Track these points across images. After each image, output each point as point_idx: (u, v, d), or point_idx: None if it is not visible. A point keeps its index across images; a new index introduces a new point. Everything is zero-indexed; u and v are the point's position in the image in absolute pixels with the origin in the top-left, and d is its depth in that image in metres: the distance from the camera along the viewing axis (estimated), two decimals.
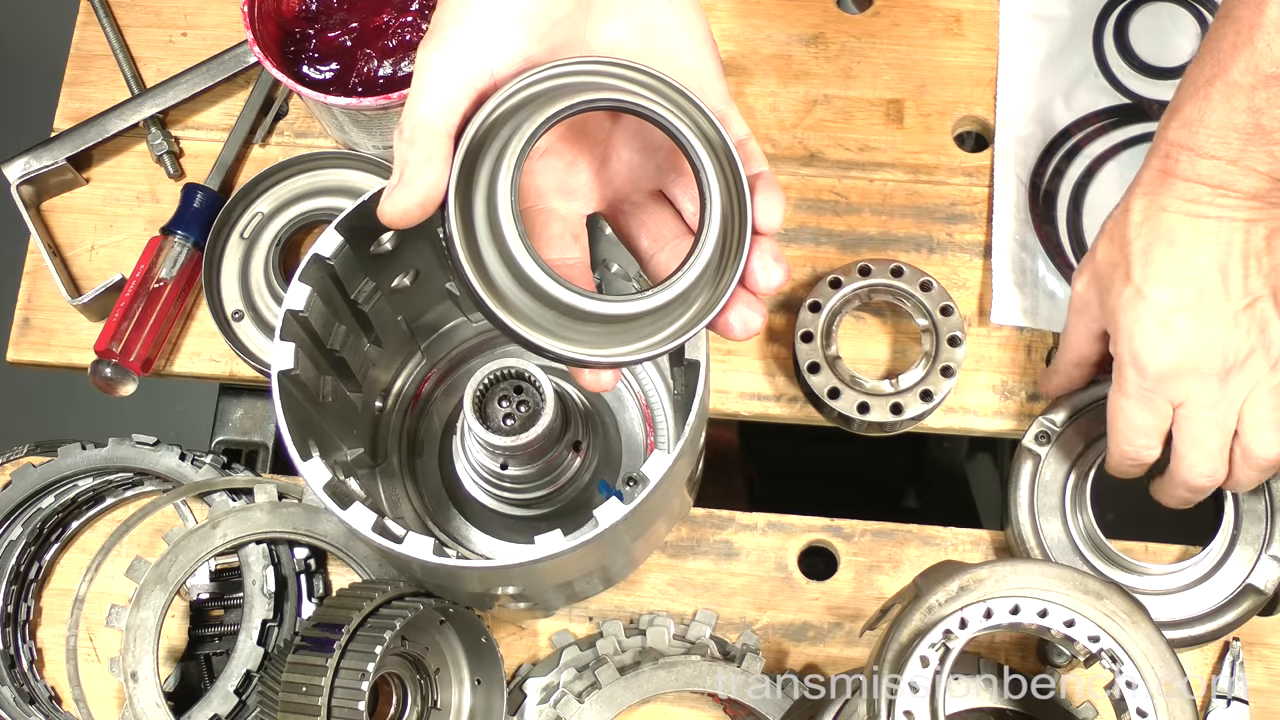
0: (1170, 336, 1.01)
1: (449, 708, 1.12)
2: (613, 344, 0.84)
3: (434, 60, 0.82)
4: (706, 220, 0.83)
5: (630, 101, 0.82)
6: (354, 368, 1.12)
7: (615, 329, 0.84)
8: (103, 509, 1.21)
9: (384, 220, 0.82)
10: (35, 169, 1.27)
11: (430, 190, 0.80)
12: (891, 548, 1.18)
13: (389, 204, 0.81)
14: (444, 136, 0.81)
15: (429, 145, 0.80)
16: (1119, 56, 1.31)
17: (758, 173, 0.86)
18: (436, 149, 0.80)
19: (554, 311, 0.82)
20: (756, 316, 0.87)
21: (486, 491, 1.13)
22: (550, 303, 0.82)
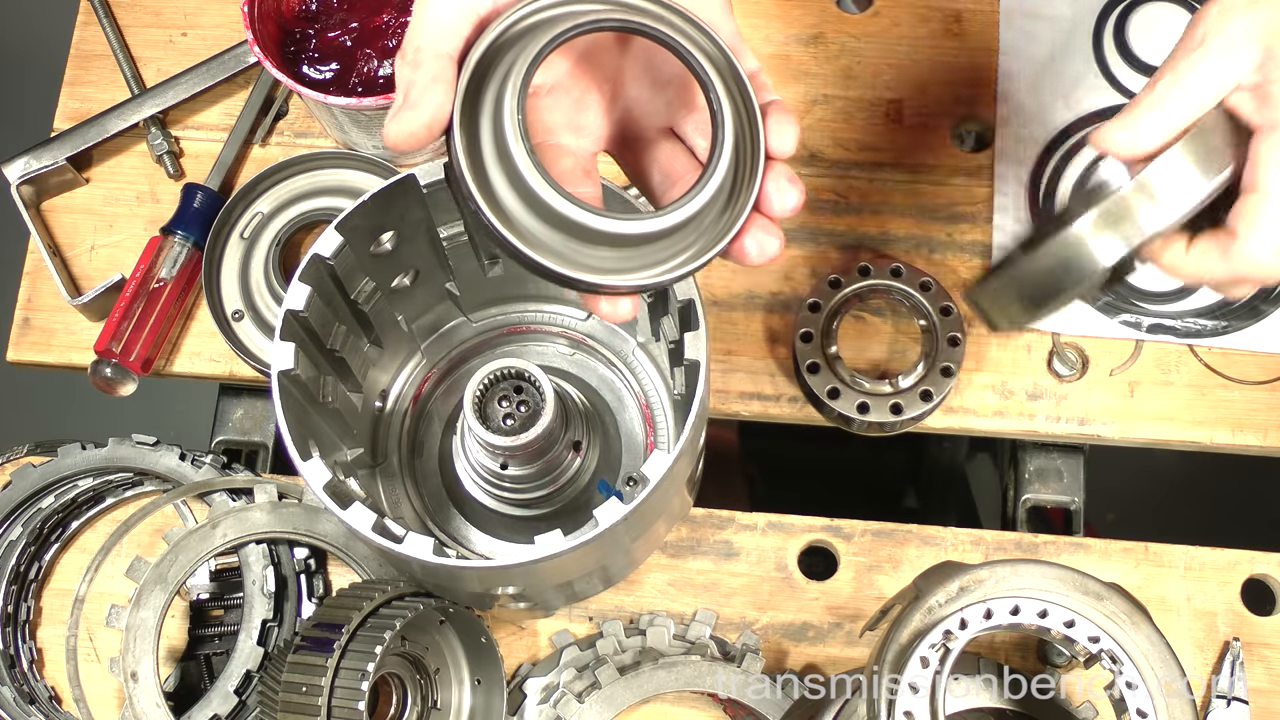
0: None
1: (449, 708, 1.12)
2: (626, 268, 0.82)
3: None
4: (719, 140, 0.81)
5: (637, 22, 0.81)
6: (354, 368, 1.12)
7: (628, 253, 0.82)
8: (103, 509, 1.21)
9: (389, 142, 0.81)
10: (35, 169, 1.27)
11: (436, 112, 0.79)
12: (891, 548, 1.18)
13: (395, 126, 0.80)
14: (448, 59, 0.80)
15: (433, 67, 0.79)
16: (1119, 56, 1.31)
17: (770, 100, 0.85)
18: (441, 71, 0.80)
19: (564, 234, 0.80)
20: (774, 240, 0.85)
21: (486, 491, 1.13)
22: (560, 223, 0.80)
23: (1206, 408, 1.21)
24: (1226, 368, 1.22)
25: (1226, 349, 1.22)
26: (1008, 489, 1.29)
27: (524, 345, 1.22)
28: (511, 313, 1.22)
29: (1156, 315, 1.22)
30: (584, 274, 0.81)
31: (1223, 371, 1.22)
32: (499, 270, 1.15)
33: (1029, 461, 1.26)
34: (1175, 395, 1.22)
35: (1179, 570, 1.17)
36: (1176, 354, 1.23)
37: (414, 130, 0.80)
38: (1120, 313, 1.22)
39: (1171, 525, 1.52)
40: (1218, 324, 1.22)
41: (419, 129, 0.80)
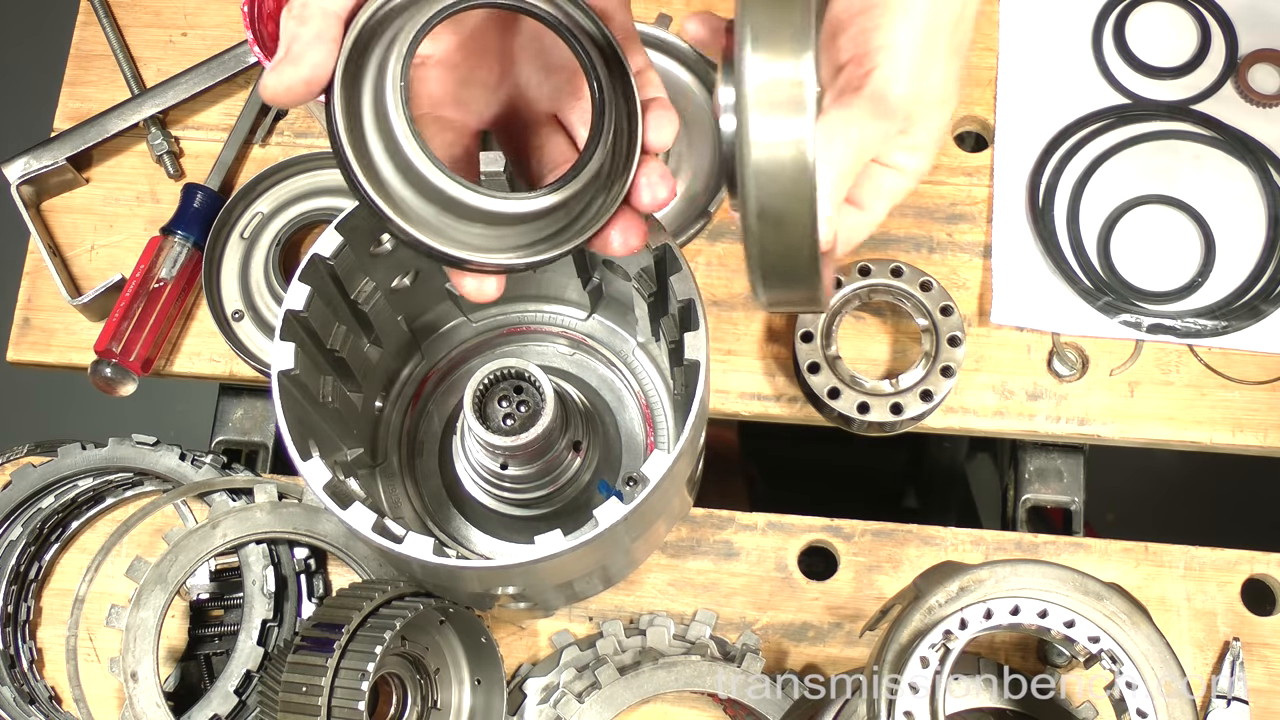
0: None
1: (449, 708, 1.12)
2: (495, 247, 0.83)
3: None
4: (599, 127, 0.83)
5: (529, 3, 0.81)
6: (354, 368, 1.12)
7: (499, 231, 0.83)
8: (103, 509, 1.21)
9: (265, 96, 0.80)
10: (35, 169, 1.27)
11: (317, 69, 0.79)
12: (891, 548, 1.18)
13: (272, 78, 0.79)
14: (335, 18, 0.79)
15: (319, 24, 0.79)
16: (1118, 56, 1.31)
17: (653, 98, 0.87)
18: (327, 29, 0.79)
19: (437, 206, 0.81)
20: (635, 234, 0.87)
21: (486, 491, 1.13)
22: (434, 196, 0.81)
23: (1206, 408, 1.21)
24: (1226, 368, 1.22)
25: (1226, 349, 1.22)
26: (1008, 489, 1.29)
27: (524, 345, 1.23)
28: (511, 313, 1.22)
29: (1156, 315, 1.22)
30: (453, 249, 0.82)
31: (1223, 371, 1.22)
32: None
33: (1029, 461, 1.26)
34: (1175, 395, 1.22)
35: (1179, 570, 1.17)
36: (1176, 354, 1.23)
37: (291, 85, 0.79)
38: (1120, 313, 1.22)
39: (1171, 525, 1.52)
40: (1218, 324, 1.22)
41: (297, 84, 0.79)
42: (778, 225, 0.75)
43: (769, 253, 0.76)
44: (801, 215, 0.74)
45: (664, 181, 0.86)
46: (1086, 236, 1.25)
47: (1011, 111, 1.29)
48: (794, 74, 0.72)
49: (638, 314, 1.15)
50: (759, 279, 0.78)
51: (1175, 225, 1.26)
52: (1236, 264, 1.24)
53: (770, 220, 0.74)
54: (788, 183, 0.73)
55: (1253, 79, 1.28)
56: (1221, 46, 1.30)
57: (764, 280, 0.78)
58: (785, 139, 0.72)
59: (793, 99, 0.72)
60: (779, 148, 0.72)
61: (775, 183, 0.73)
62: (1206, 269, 1.23)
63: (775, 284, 0.79)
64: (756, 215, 0.74)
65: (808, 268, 0.77)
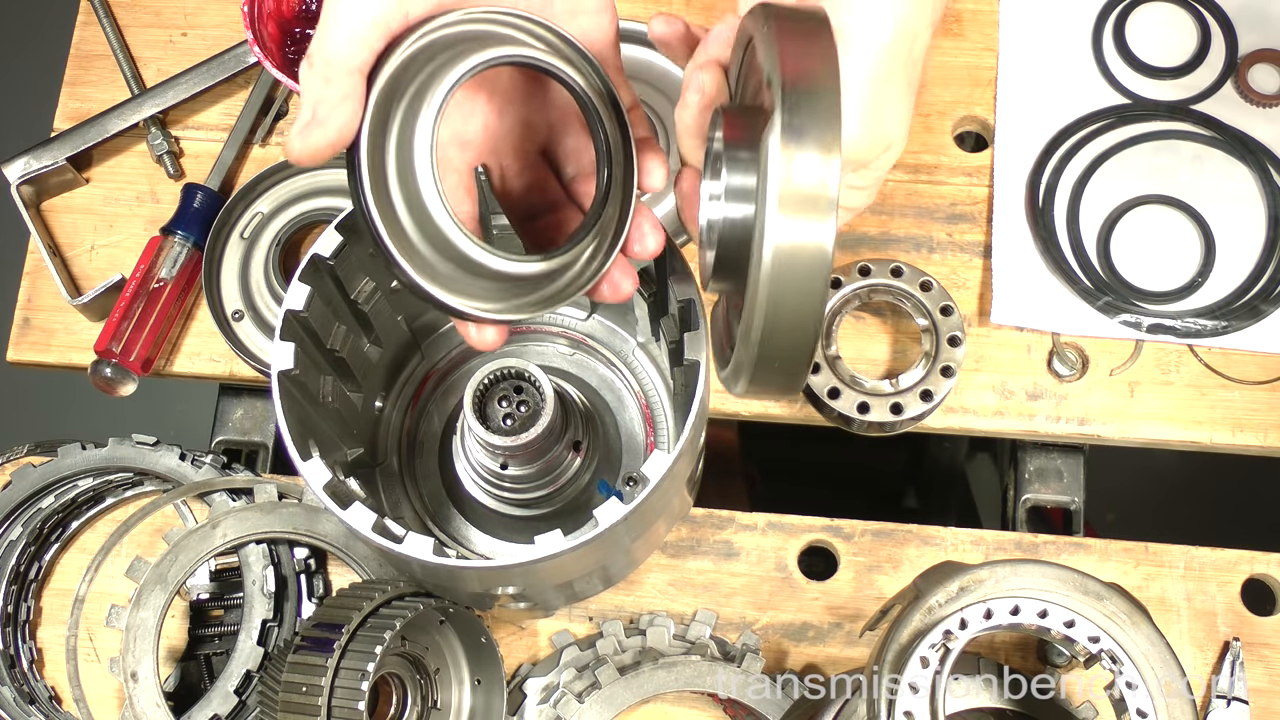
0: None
1: (449, 708, 1.12)
2: (501, 301, 0.84)
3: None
4: (606, 194, 0.84)
5: (549, 62, 0.82)
6: (354, 368, 1.12)
7: (506, 286, 0.84)
8: (103, 509, 1.21)
9: (292, 158, 0.81)
10: (35, 169, 1.27)
11: (344, 130, 0.79)
12: (891, 548, 1.18)
13: (301, 142, 0.80)
14: (358, 75, 0.80)
15: (344, 85, 0.79)
16: (1118, 56, 1.31)
17: (644, 137, 0.88)
18: (352, 89, 0.79)
19: (453, 263, 0.82)
20: (629, 282, 0.88)
21: (486, 491, 1.13)
22: (451, 253, 0.82)
23: (1206, 408, 1.21)
24: (1226, 368, 1.22)
25: (1226, 349, 1.22)
26: (1008, 489, 1.29)
27: (524, 345, 1.23)
28: None
29: (1156, 315, 1.22)
30: (464, 304, 0.83)
31: (1223, 371, 1.22)
32: None
33: (1029, 461, 1.26)
34: (1175, 395, 1.22)
35: (1179, 570, 1.17)
36: (1176, 354, 1.23)
37: (319, 148, 0.80)
38: (1120, 313, 1.22)
39: (1171, 525, 1.52)
40: (1218, 324, 1.22)
41: (324, 147, 0.80)
42: (786, 323, 0.74)
43: (769, 347, 0.75)
44: (810, 314, 0.73)
45: (654, 232, 0.88)
46: (1086, 236, 1.25)
47: (1011, 111, 1.29)
48: (823, 173, 0.71)
49: (638, 314, 1.15)
50: (748, 370, 0.77)
51: (1175, 225, 1.26)
52: (1236, 264, 1.24)
53: (779, 318, 0.73)
54: (803, 283, 0.72)
55: (1253, 79, 1.28)
56: (1221, 46, 1.30)
57: (754, 372, 0.77)
58: (809, 241, 0.71)
59: (820, 199, 0.71)
60: (800, 249, 0.71)
61: (791, 283, 0.72)
62: (1206, 269, 1.23)
63: (763, 376, 0.78)
64: (766, 312, 0.73)
65: (803, 363, 0.76)
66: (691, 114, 0.85)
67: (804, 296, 0.72)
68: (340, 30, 0.80)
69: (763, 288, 0.72)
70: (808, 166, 0.71)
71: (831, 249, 0.71)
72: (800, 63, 0.72)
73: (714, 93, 0.84)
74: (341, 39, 0.80)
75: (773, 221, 0.71)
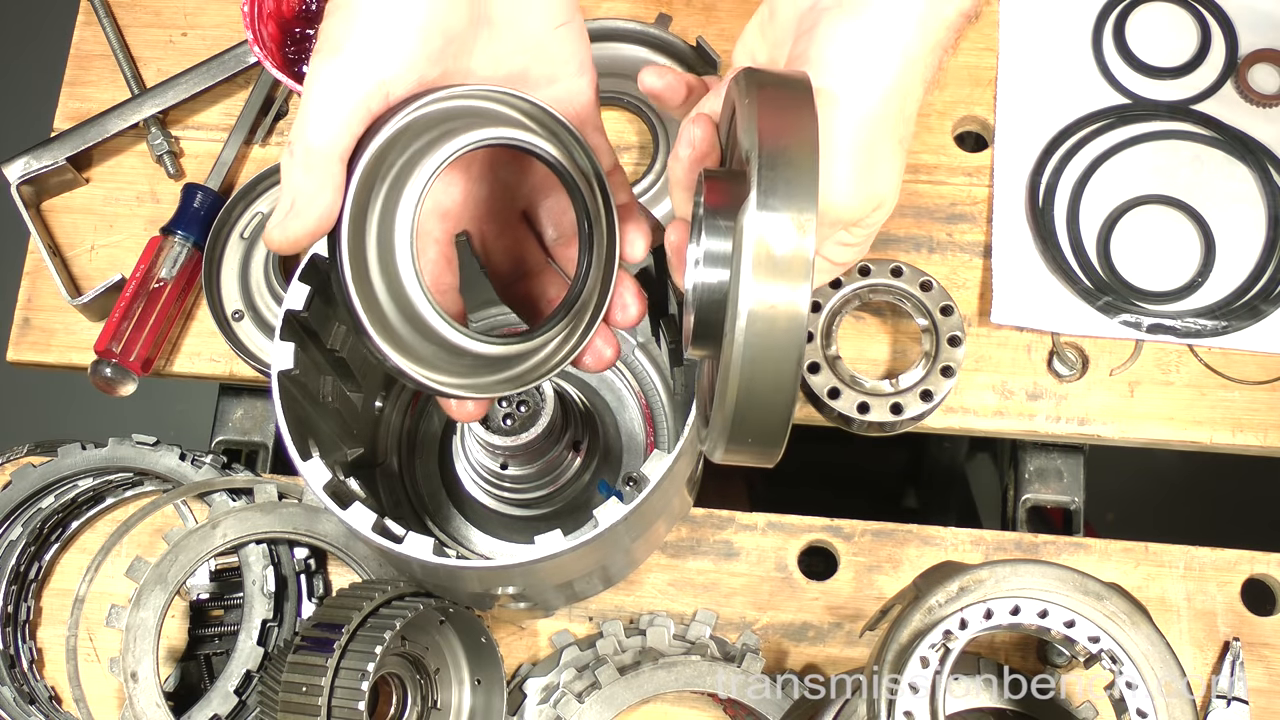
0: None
1: (449, 708, 1.12)
2: (481, 375, 0.85)
3: (326, 74, 0.79)
4: (587, 272, 0.84)
5: (530, 142, 0.82)
6: (354, 368, 1.12)
7: (488, 364, 0.85)
8: (103, 509, 1.21)
9: (272, 247, 0.81)
10: (35, 169, 1.27)
11: (323, 219, 0.79)
12: (891, 548, 1.18)
13: (279, 232, 0.80)
14: (338, 163, 0.78)
15: (323, 173, 0.78)
16: (1118, 56, 1.31)
17: (625, 204, 0.88)
18: (329, 176, 0.78)
19: (435, 346, 0.82)
20: (610, 349, 0.88)
21: (486, 491, 1.13)
22: (433, 337, 0.82)
23: (1206, 408, 1.21)
24: (1226, 368, 1.22)
25: (1226, 349, 1.22)
26: (1008, 489, 1.29)
27: None
28: (511, 313, 1.22)
29: (1156, 315, 1.22)
30: (447, 385, 0.83)
31: (1223, 371, 1.22)
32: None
33: (1029, 461, 1.26)
34: (1175, 395, 1.22)
35: (1179, 570, 1.17)
36: (1176, 354, 1.23)
37: (299, 238, 0.79)
38: (1120, 313, 1.22)
39: (1171, 525, 1.52)
40: (1218, 324, 1.22)
41: (303, 237, 0.79)
42: (760, 389, 0.73)
43: (744, 412, 0.74)
44: (785, 382, 0.73)
45: (636, 300, 0.88)
46: (1086, 236, 1.25)
47: (1011, 111, 1.29)
48: (799, 238, 0.71)
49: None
50: (724, 436, 0.77)
51: (1175, 225, 1.26)
52: (1236, 264, 1.24)
53: (753, 385, 0.73)
54: (777, 351, 0.72)
55: (1253, 79, 1.28)
56: (1221, 46, 1.30)
57: (729, 436, 0.76)
58: (783, 305, 0.71)
59: (796, 264, 0.71)
60: (774, 318, 0.71)
61: (764, 351, 0.72)
62: (1206, 269, 1.23)
63: (740, 441, 0.77)
64: (740, 381, 0.73)
65: (779, 429, 0.76)
66: (683, 168, 0.85)
67: (778, 364, 0.72)
68: (320, 115, 0.78)
69: (736, 355, 0.72)
70: (782, 237, 0.71)
71: (805, 318, 0.71)
72: (778, 134, 0.72)
73: (705, 148, 0.84)
74: (322, 125, 0.78)
75: (746, 290, 0.71)
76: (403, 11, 0.79)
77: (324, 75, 0.78)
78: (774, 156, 0.72)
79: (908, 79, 0.84)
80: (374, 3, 0.79)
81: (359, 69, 0.78)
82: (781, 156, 0.72)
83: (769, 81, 0.76)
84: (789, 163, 0.72)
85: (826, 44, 0.82)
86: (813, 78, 0.79)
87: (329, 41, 0.79)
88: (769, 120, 0.73)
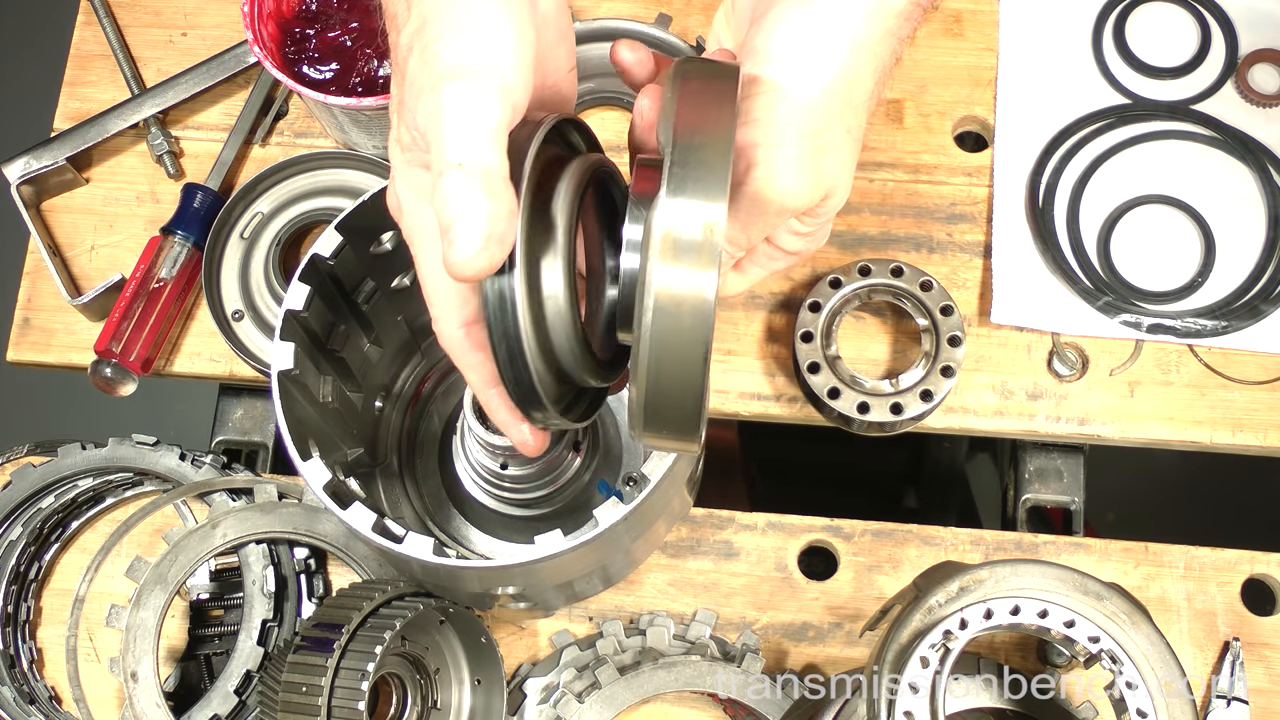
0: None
1: (449, 708, 1.12)
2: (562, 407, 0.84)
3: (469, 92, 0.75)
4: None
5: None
6: (354, 368, 1.12)
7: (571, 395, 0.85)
8: (103, 509, 1.21)
9: (464, 275, 0.74)
10: (35, 169, 1.27)
11: (508, 243, 0.74)
12: (891, 548, 1.18)
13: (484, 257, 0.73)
14: (507, 184, 0.74)
15: (506, 195, 0.74)
16: (1118, 56, 1.31)
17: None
18: (508, 199, 0.74)
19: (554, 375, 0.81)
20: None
21: (486, 491, 1.13)
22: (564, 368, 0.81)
23: (1206, 408, 1.21)
24: (1226, 368, 1.22)
25: (1226, 349, 1.22)
26: (1008, 489, 1.29)
27: None
28: None
29: (1156, 315, 1.22)
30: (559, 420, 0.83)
31: (1223, 371, 1.22)
32: None
33: (1029, 461, 1.26)
34: (1175, 395, 1.22)
35: (1179, 570, 1.17)
36: (1176, 354, 1.23)
37: (495, 264, 0.74)
38: (1120, 313, 1.22)
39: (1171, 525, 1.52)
40: (1218, 324, 1.22)
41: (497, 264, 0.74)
42: (669, 375, 0.73)
43: (654, 398, 0.74)
44: (693, 367, 0.73)
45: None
46: (1086, 236, 1.25)
47: (1011, 111, 1.29)
48: (705, 227, 0.71)
49: None
50: (639, 420, 0.77)
51: (1175, 225, 1.26)
52: (1236, 264, 1.24)
53: (661, 369, 0.73)
54: (685, 334, 0.72)
55: (1253, 79, 1.28)
56: (1221, 46, 1.30)
57: (645, 421, 0.77)
58: (689, 292, 0.71)
59: (702, 252, 0.71)
60: (681, 301, 0.71)
61: (671, 334, 0.72)
62: (1206, 269, 1.23)
63: (656, 427, 0.77)
64: (647, 363, 0.73)
65: (692, 414, 0.76)
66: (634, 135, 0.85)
67: (685, 350, 0.72)
68: (483, 135, 0.74)
69: (643, 340, 0.72)
70: (688, 226, 0.71)
71: (712, 306, 0.71)
72: (694, 126, 0.72)
73: (653, 118, 0.83)
74: (487, 145, 0.74)
75: (652, 277, 0.71)
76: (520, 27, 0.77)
77: (467, 93, 0.75)
78: (686, 149, 0.72)
79: (856, 68, 0.83)
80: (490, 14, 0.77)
81: (498, 88, 0.75)
82: (694, 149, 0.72)
83: (695, 73, 0.76)
84: (700, 155, 0.72)
85: (772, 33, 0.82)
86: (759, 66, 0.80)
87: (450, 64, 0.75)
88: (687, 106, 0.73)
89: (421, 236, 0.83)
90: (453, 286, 0.82)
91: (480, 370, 0.84)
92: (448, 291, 0.82)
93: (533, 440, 0.88)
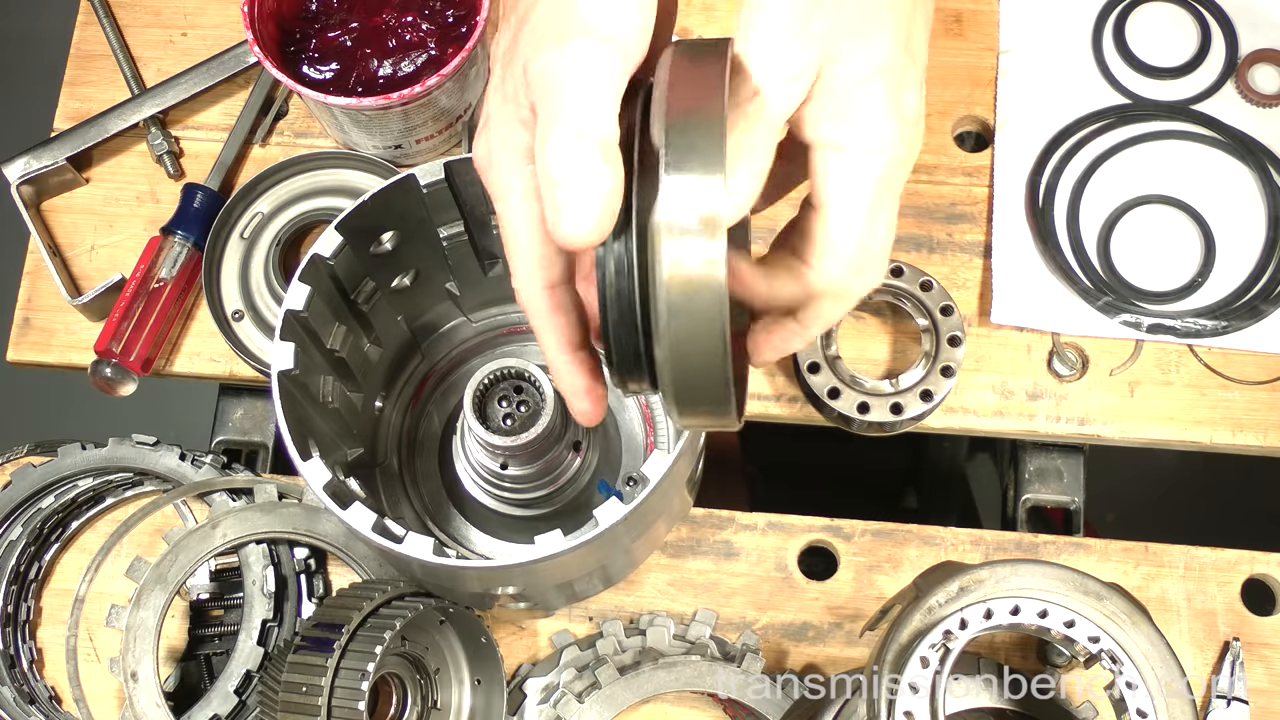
0: None
1: (449, 708, 1.12)
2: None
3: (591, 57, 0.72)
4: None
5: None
6: (354, 368, 1.12)
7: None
8: (103, 509, 1.21)
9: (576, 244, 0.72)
10: (35, 169, 1.27)
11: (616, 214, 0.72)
12: (891, 548, 1.18)
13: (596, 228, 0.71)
14: (619, 153, 0.72)
15: (618, 164, 0.71)
16: (1118, 56, 1.31)
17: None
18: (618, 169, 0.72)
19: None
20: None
21: (486, 491, 1.13)
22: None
23: (1206, 408, 1.21)
24: (1226, 368, 1.22)
25: (1226, 349, 1.22)
26: (1008, 489, 1.29)
27: (524, 345, 1.23)
28: (511, 313, 1.22)
29: (1156, 315, 1.22)
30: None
31: (1223, 371, 1.22)
32: (499, 270, 1.15)
33: (1029, 461, 1.26)
34: (1175, 395, 1.22)
35: (1179, 570, 1.17)
36: (1176, 354, 1.23)
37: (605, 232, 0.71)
38: (1120, 313, 1.22)
39: (1171, 525, 1.52)
40: (1218, 324, 1.22)
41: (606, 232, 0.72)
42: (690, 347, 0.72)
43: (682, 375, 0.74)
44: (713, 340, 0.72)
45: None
46: (1086, 236, 1.25)
47: (1011, 111, 1.29)
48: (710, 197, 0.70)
49: None
50: (672, 402, 0.76)
51: (1175, 225, 1.26)
52: (1236, 264, 1.24)
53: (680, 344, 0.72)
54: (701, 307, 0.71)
55: (1253, 79, 1.28)
56: (1221, 46, 1.30)
57: (678, 403, 0.76)
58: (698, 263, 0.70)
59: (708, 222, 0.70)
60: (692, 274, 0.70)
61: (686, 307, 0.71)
62: (1206, 269, 1.23)
63: (688, 407, 0.76)
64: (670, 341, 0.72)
65: (719, 385, 0.74)
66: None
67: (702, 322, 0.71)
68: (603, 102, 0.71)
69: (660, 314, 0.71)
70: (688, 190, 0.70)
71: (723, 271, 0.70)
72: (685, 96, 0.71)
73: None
74: (606, 113, 0.71)
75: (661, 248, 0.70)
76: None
77: (595, 55, 0.72)
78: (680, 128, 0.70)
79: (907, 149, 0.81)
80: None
81: (622, 53, 0.73)
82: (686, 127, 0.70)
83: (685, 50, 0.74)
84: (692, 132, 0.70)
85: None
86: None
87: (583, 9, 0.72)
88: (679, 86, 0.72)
89: (509, 194, 0.78)
90: (540, 248, 0.78)
91: (559, 334, 0.80)
92: (534, 252, 0.78)
93: (594, 410, 0.84)
